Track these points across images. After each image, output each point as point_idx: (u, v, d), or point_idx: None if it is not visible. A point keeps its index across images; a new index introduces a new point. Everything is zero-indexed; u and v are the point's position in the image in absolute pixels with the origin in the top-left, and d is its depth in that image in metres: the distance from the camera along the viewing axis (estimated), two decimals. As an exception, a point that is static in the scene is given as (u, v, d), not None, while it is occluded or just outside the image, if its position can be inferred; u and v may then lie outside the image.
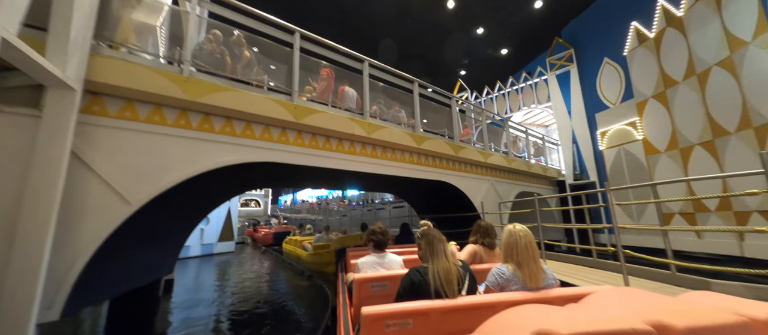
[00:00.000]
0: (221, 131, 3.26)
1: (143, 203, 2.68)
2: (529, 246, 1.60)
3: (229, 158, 3.27)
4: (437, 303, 1.36)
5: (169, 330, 3.93)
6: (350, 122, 4.20)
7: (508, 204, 7.04)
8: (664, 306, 0.92)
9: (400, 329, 1.26)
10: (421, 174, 5.40)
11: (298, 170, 4.68)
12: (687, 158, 6.70)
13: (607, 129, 8.72)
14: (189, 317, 4.32)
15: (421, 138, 5.21)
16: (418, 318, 1.29)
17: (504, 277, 1.60)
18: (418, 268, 1.66)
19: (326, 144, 4.18)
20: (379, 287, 2.00)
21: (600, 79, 9.12)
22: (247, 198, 29.95)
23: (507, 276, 1.59)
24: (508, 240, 1.64)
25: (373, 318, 1.25)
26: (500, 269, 1.64)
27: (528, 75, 11.35)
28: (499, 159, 7.03)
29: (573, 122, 9.78)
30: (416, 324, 1.28)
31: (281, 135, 3.73)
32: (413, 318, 1.29)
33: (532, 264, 1.56)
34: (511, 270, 1.60)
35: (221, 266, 9.33)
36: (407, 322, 1.28)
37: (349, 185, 10.17)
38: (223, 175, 3.93)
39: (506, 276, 1.59)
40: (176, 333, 3.82)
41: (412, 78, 5.50)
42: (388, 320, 1.26)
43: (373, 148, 4.75)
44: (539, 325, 0.81)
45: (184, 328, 3.94)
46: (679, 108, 6.85)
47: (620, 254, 3.04)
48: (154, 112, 2.87)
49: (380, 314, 1.26)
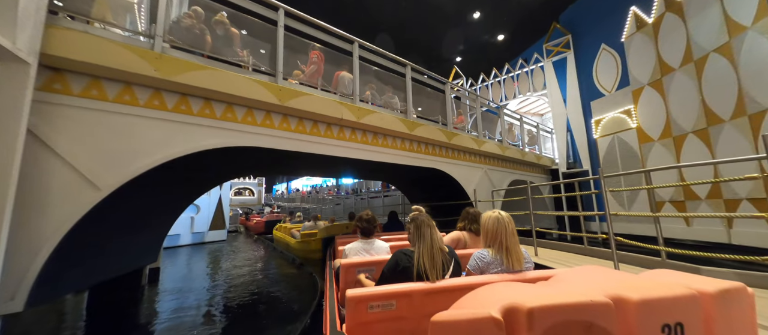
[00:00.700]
0: (200, 113, 3.08)
1: (114, 188, 2.52)
2: (512, 232, 1.65)
3: (208, 142, 3.09)
4: (420, 286, 1.39)
5: (155, 321, 3.83)
6: (339, 105, 4.02)
7: (501, 192, 6.99)
8: (623, 281, 1.01)
9: (384, 310, 1.30)
10: (413, 161, 5.28)
11: (289, 157, 4.52)
12: (680, 146, 6.69)
13: (602, 117, 8.66)
14: (174, 306, 4.23)
15: (414, 124, 5.06)
16: (401, 300, 1.33)
17: (484, 261, 1.65)
18: (404, 251, 1.67)
19: (314, 129, 4.01)
20: (365, 271, 2.02)
21: (596, 66, 8.99)
22: (240, 187, 29.81)
23: (487, 260, 1.64)
24: (496, 226, 1.66)
25: (357, 300, 1.28)
26: (481, 253, 1.68)
27: (524, 62, 11.16)
28: (493, 147, 6.93)
29: (568, 110, 9.70)
30: (399, 305, 1.32)
31: (265, 119, 3.55)
32: (396, 300, 1.32)
33: (514, 248, 1.63)
34: (492, 254, 1.65)
35: (212, 254, 9.22)
36: (390, 304, 1.31)
37: (342, 173, 10.02)
38: (207, 160, 3.77)
39: (487, 260, 1.64)
40: (161, 323, 3.74)
41: (405, 61, 5.30)
42: (372, 302, 1.30)
43: (363, 134, 4.60)
44: (509, 300, 0.87)
45: (169, 318, 3.85)
46: (675, 96, 6.79)
47: (612, 241, 2.99)
48: (123, 91, 2.67)
49: (364, 296, 1.30)
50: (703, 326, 0.90)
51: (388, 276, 1.60)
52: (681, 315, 0.88)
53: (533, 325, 0.81)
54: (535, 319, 0.82)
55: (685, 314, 0.89)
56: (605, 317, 0.84)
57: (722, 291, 0.94)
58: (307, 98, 3.69)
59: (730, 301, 0.94)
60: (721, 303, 0.92)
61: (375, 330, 1.30)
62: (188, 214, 10.95)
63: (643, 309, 0.87)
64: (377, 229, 2.52)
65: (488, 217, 1.73)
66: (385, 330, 1.31)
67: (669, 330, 0.86)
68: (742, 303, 0.97)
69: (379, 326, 1.30)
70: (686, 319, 0.88)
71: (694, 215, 2.55)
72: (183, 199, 4.84)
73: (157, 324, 3.67)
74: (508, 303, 0.86)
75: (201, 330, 3.52)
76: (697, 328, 0.89)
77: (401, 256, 1.63)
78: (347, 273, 2.01)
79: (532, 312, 0.82)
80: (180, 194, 4.47)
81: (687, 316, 0.88)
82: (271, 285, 5.55)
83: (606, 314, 0.84)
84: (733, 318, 0.94)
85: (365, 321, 1.29)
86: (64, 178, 2.32)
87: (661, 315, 0.87)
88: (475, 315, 0.86)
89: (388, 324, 1.31)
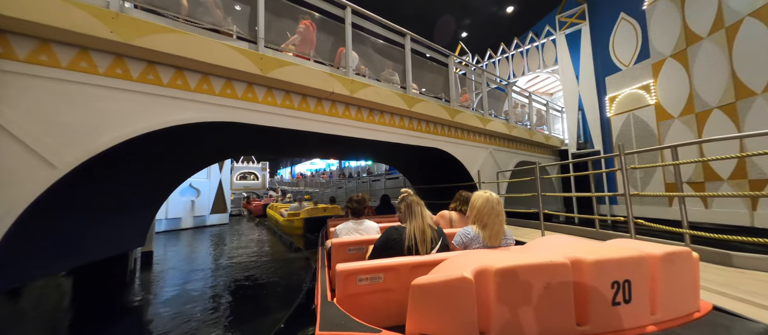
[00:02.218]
0: (171, 84, 2.77)
1: (73, 166, 2.27)
2: (498, 213, 1.73)
3: (182, 117, 2.80)
4: (406, 260, 1.44)
5: (148, 305, 3.71)
6: (329, 77, 3.66)
7: (506, 174, 6.65)
8: (584, 246, 1.12)
9: (372, 283, 1.36)
10: (412, 140, 4.94)
11: (284, 136, 4.24)
12: (703, 123, 6.20)
13: (617, 94, 8.11)
14: (160, 292, 4.10)
15: (413, 100, 4.68)
16: (388, 273, 1.38)
17: (468, 237, 1.74)
18: (396, 227, 1.77)
19: (303, 104, 3.68)
20: (355, 250, 2.08)
21: (613, 38, 8.33)
22: (244, 171, 30.05)
23: (471, 236, 1.73)
24: (484, 205, 1.74)
25: (346, 274, 1.34)
26: (466, 229, 1.78)
27: (535, 36, 10.47)
28: (499, 126, 6.53)
29: (580, 87, 9.12)
30: (387, 278, 1.37)
31: (247, 92, 3.23)
32: (384, 273, 1.38)
33: (499, 225, 1.72)
34: (476, 230, 1.73)
35: (212, 238, 9.18)
36: (378, 276, 1.37)
37: (346, 154, 9.74)
38: (187, 137, 3.50)
39: (471, 236, 1.73)
40: (137, 311, 3.56)
41: (404, 31, 4.85)
42: (360, 275, 1.35)
43: (358, 110, 4.25)
44: (480, 263, 0.95)
45: (151, 304, 3.70)
46: (700, 68, 6.22)
47: (630, 224, 2.67)
48: (79, 57, 2.36)
49: (353, 270, 1.35)
50: (648, 282, 1.02)
51: (379, 250, 1.70)
52: (629, 273, 1.00)
53: (500, 283, 0.90)
54: (502, 278, 0.91)
55: (632, 272, 1.00)
56: (563, 275, 0.94)
57: (667, 253, 1.05)
58: (292, 69, 3.34)
59: (673, 263, 1.06)
60: (665, 264, 1.04)
61: (363, 301, 1.37)
62: (188, 197, 10.90)
63: (595, 268, 0.97)
64: (368, 210, 2.59)
65: (479, 196, 1.81)
66: (373, 301, 1.38)
67: (618, 286, 0.98)
68: (685, 265, 1.08)
69: (368, 297, 1.38)
70: (633, 276, 1.00)
71: (729, 194, 2.21)
72: (169, 180, 4.61)
73: (133, 313, 3.50)
74: (479, 266, 0.94)
75: (183, 321, 3.37)
76: (642, 284, 1.01)
77: (392, 231, 1.73)
78: (338, 252, 2.07)
79: (498, 272, 0.91)
80: (165, 175, 4.24)
81: (634, 274, 1.00)
82: (267, 265, 5.41)
83: (563, 273, 0.94)
84: (675, 276, 1.06)
85: (354, 293, 1.36)
86: (11, 154, 2.06)
87: (612, 273, 0.98)
88: (449, 276, 0.94)
89: (376, 296, 1.38)
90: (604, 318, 0.97)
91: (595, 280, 0.97)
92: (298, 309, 3.38)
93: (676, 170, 2.85)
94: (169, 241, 8.83)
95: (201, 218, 11.29)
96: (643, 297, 1.01)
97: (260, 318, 3.32)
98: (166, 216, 10.01)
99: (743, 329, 1.01)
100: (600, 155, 3.34)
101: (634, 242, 1.20)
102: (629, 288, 0.99)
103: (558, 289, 0.94)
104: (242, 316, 3.40)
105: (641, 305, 1.01)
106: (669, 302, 1.04)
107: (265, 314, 3.44)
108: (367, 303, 1.37)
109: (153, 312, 3.52)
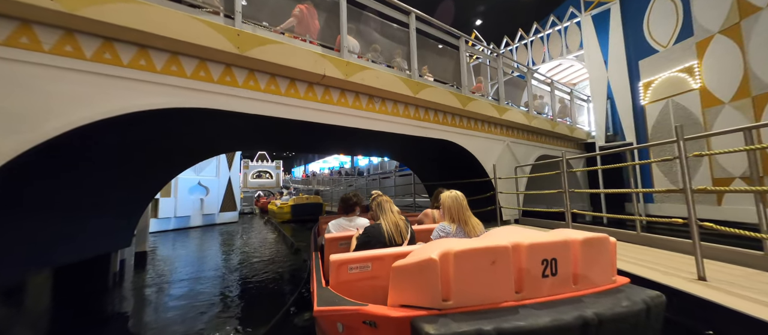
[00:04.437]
0: (133, 64, 2.42)
1: (13, 157, 1.95)
2: (466, 207, 2.01)
3: (146, 102, 2.45)
4: (390, 250, 1.70)
5: (115, 320, 3.32)
6: (320, 58, 3.23)
7: (525, 169, 6.01)
8: (526, 234, 1.36)
9: (361, 271, 1.60)
10: (418, 131, 4.44)
11: (278, 128, 3.87)
12: (761, 107, 5.31)
13: (654, 79, 7.23)
14: (149, 297, 3.82)
15: (419, 85, 4.18)
16: (375, 262, 1.62)
17: (445, 232, 1.95)
18: (373, 225, 2.03)
19: (291, 89, 3.27)
20: (346, 244, 2.21)
21: (648, 16, 7.43)
22: (260, 170, 30.57)
23: (448, 231, 1.95)
24: (452, 203, 2.00)
25: (339, 263, 1.57)
26: (443, 225, 2.00)
27: (557, 19, 9.63)
28: (517, 116, 5.89)
29: (609, 73, 8.25)
30: (374, 267, 1.61)
31: (225, 74, 2.85)
32: (371, 263, 1.61)
33: (470, 220, 1.98)
34: (453, 227, 1.96)
35: (221, 236, 9.04)
36: (366, 265, 1.61)
37: (354, 149, 9.32)
38: (153, 126, 3.16)
39: (447, 231, 1.95)
40: (117, 322, 3.22)
41: (408, 9, 4.35)
42: (351, 264, 1.59)
43: (355, 97, 3.80)
44: (445, 248, 1.17)
45: (135, 315, 3.38)
46: (758, 43, 5.33)
47: (693, 227, 2.07)
48: (18, 32, 2.04)
49: (345, 260, 1.59)
50: (572, 260, 1.30)
51: (361, 247, 1.90)
52: (556, 253, 1.28)
53: (457, 262, 1.14)
54: (459, 258, 1.14)
55: (558, 253, 1.28)
56: (505, 255, 1.20)
57: (586, 238, 1.33)
58: (276, 48, 2.93)
59: (592, 246, 1.34)
60: (584, 247, 1.32)
61: (354, 287, 1.56)
62: (197, 196, 10.87)
63: (529, 249, 1.24)
64: (358, 209, 2.65)
65: (446, 196, 2.06)
66: (362, 287, 1.58)
67: (547, 263, 1.26)
68: (602, 248, 1.37)
69: (358, 284, 1.58)
70: (559, 256, 1.28)
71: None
72: (152, 177, 4.28)
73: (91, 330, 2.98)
74: (443, 250, 1.16)
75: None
76: (566, 261, 1.29)
77: (370, 229, 1.99)
78: (331, 246, 2.25)
79: (457, 254, 1.14)
80: (146, 171, 3.92)
81: (560, 254, 1.28)
82: (266, 267, 5.06)
83: (506, 253, 1.20)
84: (593, 256, 1.34)
85: (346, 280, 1.57)
86: (-68, 143, 1.76)
87: (542, 253, 1.26)
88: (421, 258, 1.19)
89: (364, 283, 1.59)
90: (535, 287, 1.24)
91: (529, 258, 1.24)
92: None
93: (751, 156, 2.21)
94: (177, 239, 8.79)
95: (210, 217, 11.25)
96: (566, 271, 1.29)
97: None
98: (174, 214, 10.00)
99: (635, 294, 1.23)
100: (658, 143, 2.75)
101: (569, 231, 1.41)
102: (556, 265, 1.26)
103: (501, 265, 1.19)
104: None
105: (565, 277, 1.28)
106: (588, 276, 1.32)
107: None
108: (357, 289, 1.56)
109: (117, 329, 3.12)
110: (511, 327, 1.01)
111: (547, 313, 1.08)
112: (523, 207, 5.67)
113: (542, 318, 1.05)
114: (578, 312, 1.07)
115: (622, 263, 2.50)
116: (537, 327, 1.02)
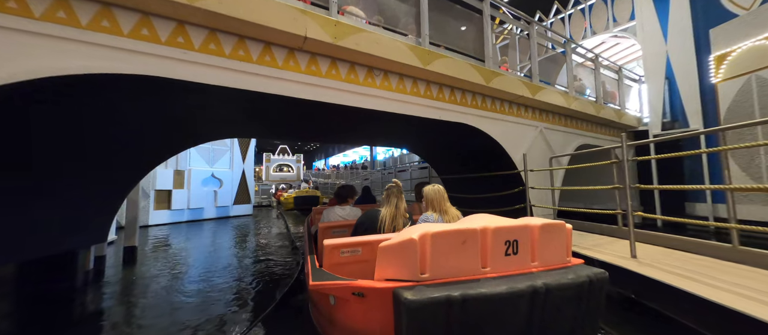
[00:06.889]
0: (47, 17, 1.89)
1: None
2: (446, 199, 2.30)
3: (69, 65, 1.92)
4: (379, 236, 1.91)
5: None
6: (301, 15, 2.56)
7: (562, 161, 5.02)
8: (495, 220, 1.66)
9: (352, 255, 1.83)
10: (429, 112, 3.67)
11: (263, 110, 3.27)
12: None
13: (731, 50, 5.84)
14: (122, 300, 3.43)
15: (430, 55, 3.40)
16: (364, 247, 1.84)
17: (428, 221, 2.16)
18: (373, 209, 2.34)
19: (265, 56, 2.64)
20: (339, 231, 2.47)
21: (726, -29, 6.00)
22: (281, 163, 31.13)
23: (430, 220, 2.17)
24: (436, 195, 2.27)
25: (331, 247, 1.81)
26: (426, 215, 2.25)
27: (601, -13, 8.26)
28: (553, 96, 4.91)
29: (669, 46, 6.87)
30: (364, 251, 1.84)
31: (175, 35, 2.26)
32: (361, 247, 1.85)
33: (449, 209, 2.26)
34: (436, 216, 2.21)
35: (229, 229, 8.84)
36: (357, 250, 1.84)
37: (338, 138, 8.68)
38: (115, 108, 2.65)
39: (430, 220, 2.17)
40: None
41: (418, -39, 3.55)
42: (343, 248, 1.83)
43: (350, 68, 3.11)
44: (424, 230, 1.44)
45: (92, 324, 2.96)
46: None
47: None
48: None
49: (338, 244, 1.83)
50: (530, 242, 1.63)
51: (358, 227, 2.26)
52: (517, 236, 1.59)
53: (433, 242, 1.42)
54: (435, 238, 1.42)
55: (519, 235, 1.60)
56: (474, 236, 1.51)
57: (544, 224, 1.66)
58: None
59: (549, 231, 1.67)
60: (542, 231, 1.65)
61: (345, 269, 1.79)
62: (211, 187, 10.80)
63: (495, 232, 1.55)
64: (350, 200, 2.96)
65: (429, 189, 2.33)
66: (352, 269, 1.80)
67: (509, 243, 1.57)
68: (558, 233, 1.71)
69: (348, 267, 1.81)
70: (520, 238, 1.60)
71: None
72: (124, 166, 3.76)
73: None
74: (422, 232, 1.43)
75: None
76: (526, 242, 1.62)
77: (369, 212, 2.33)
78: (324, 233, 2.49)
79: (433, 235, 1.42)
80: (112, 158, 3.43)
81: (520, 236, 1.60)
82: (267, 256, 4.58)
83: (474, 235, 1.50)
84: (550, 239, 1.68)
85: (338, 263, 1.82)
86: None
87: (505, 235, 1.57)
88: (403, 239, 1.46)
89: (354, 265, 1.83)
90: (499, 263, 1.57)
91: (494, 240, 1.56)
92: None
93: None
94: (190, 231, 8.74)
95: (224, 209, 11.18)
96: (526, 251, 1.63)
97: None
98: (188, 206, 9.97)
99: (582, 270, 1.56)
100: (724, 126, 1.86)
101: (533, 219, 1.76)
102: (517, 245, 1.60)
103: (470, 245, 1.51)
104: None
105: (525, 256, 1.63)
106: (545, 255, 1.67)
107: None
108: (348, 271, 1.77)
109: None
110: (474, 293, 1.31)
111: (505, 283, 1.40)
112: (559, 207, 4.71)
113: (500, 286, 1.36)
114: (530, 282, 1.40)
115: (713, 290, 1.63)
116: (495, 293, 1.32)
